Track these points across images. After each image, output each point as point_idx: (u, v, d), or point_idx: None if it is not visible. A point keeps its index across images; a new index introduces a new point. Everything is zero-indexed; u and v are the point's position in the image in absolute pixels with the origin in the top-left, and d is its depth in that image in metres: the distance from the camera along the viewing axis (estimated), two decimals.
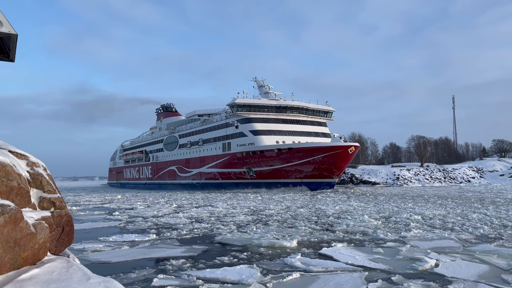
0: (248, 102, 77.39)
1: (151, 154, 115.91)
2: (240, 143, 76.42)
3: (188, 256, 14.48)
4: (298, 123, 79.42)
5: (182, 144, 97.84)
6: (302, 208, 33.27)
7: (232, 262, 13.38)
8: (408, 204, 36.11)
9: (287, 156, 68.47)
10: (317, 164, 66.25)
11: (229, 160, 79.03)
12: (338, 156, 64.81)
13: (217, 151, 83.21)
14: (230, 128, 79.89)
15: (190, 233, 19.97)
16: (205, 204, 40.10)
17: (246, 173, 76.29)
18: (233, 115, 78.38)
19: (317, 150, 65.54)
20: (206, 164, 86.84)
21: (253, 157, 73.55)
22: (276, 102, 78.59)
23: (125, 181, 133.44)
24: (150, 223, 24.27)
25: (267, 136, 74.26)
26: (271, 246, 15.84)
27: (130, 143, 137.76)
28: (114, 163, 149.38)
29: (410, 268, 12.21)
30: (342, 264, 12.73)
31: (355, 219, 23.91)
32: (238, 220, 24.98)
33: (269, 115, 77.48)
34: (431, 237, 17.66)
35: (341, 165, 66.85)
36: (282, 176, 70.97)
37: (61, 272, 4.84)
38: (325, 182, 68.25)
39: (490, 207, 31.46)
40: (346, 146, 65.61)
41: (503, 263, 12.61)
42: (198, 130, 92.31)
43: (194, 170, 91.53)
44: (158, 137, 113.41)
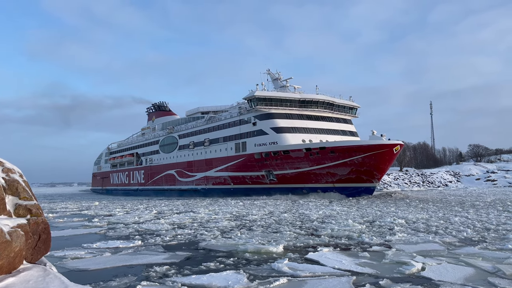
0: (269, 95, 67.43)
1: (144, 157, 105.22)
2: (259, 143, 66.79)
3: (172, 262, 14.12)
4: (324, 119, 70.16)
5: (183, 145, 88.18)
6: (286, 213, 33.14)
7: (218, 268, 13.11)
8: (391, 208, 36.40)
9: (318, 157, 59.36)
10: (355, 166, 57.27)
11: (244, 162, 69.55)
12: (381, 157, 55.88)
13: (228, 152, 73.72)
14: (245, 125, 70.31)
15: (174, 239, 19.58)
16: (186, 210, 39.54)
17: (265, 177, 66.78)
18: (250, 111, 68.69)
19: (357, 150, 56.40)
20: (213, 167, 77.34)
21: (275, 158, 64.05)
22: (299, 95, 69.10)
23: (112, 187, 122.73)
24: (131, 230, 23.73)
25: (291, 134, 64.86)
26: (257, 252, 15.61)
27: (117, 146, 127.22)
28: (99, 168, 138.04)
29: (397, 272, 12.17)
30: (329, 269, 12.60)
31: (339, 224, 23.88)
32: (222, 226, 24.66)
33: (292, 111, 68.03)
34: (415, 240, 17.72)
35: (384, 167, 58.07)
36: (309, 180, 61.83)
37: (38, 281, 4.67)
38: (363, 187, 59.01)
39: (470, 211, 31.97)
40: (391, 145, 56.13)
41: (489, 266, 12.68)
42: (204, 129, 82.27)
43: (198, 174, 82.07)
44: (152, 138, 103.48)
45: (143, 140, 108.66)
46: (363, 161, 56.27)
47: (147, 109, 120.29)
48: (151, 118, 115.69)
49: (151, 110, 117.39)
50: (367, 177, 57.86)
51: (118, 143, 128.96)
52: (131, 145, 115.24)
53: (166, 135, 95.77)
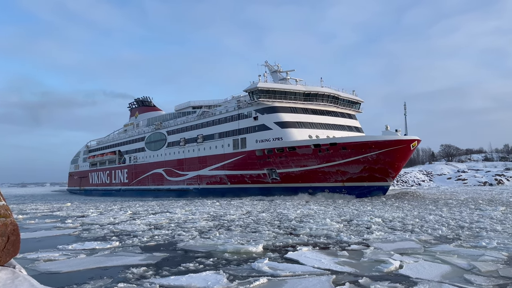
0: (272, 87, 62.38)
1: (127, 155, 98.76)
2: (261, 139, 61.79)
3: (150, 263, 13.84)
4: (329, 114, 65.64)
5: (172, 142, 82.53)
6: (264, 212, 33.12)
7: (197, 268, 12.92)
8: (367, 207, 36.86)
9: (328, 154, 54.86)
10: (368, 164, 53.14)
11: (243, 160, 64.52)
12: (398, 153, 51.90)
13: (224, 149, 68.56)
14: (245, 120, 65.31)
15: (151, 240, 19.23)
16: (162, 210, 38.97)
17: (266, 175, 62.06)
18: (252, 104, 63.60)
19: (372, 146, 52.16)
20: (208, 165, 72.17)
21: (280, 155, 59.30)
22: (304, 88, 64.28)
23: (91, 187, 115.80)
24: (107, 231, 23.20)
25: (297, 129, 60.24)
26: (237, 252, 15.48)
27: (97, 143, 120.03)
28: (76, 167, 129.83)
29: (376, 270, 12.27)
30: (309, 268, 12.60)
31: (317, 223, 23.99)
32: (200, 226, 24.40)
33: (296, 104, 63.09)
34: (393, 239, 17.95)
35: (399, 165, 54.08)
36: (317, 179, 57.36)
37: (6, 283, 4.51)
38: (376, 186, 54.66)
39: (444, 209, 32.71)
40: (408, 141, 52.44)
41: (464, 263, 12.93)
42: (196, 124, 76.72)
43: (190, 173, 76.62)
44: (136, 134, 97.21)
45: (126, 137, 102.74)
46: (378, 158, 52.26)
47: (129, 104, 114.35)
48: (133, 114, 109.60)
49: (134, 106, 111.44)
50: (381, 175, 53.73)
51: (97, 141, 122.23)
52: (112, 142, 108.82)
53: (153, 131, 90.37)
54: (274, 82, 67.66)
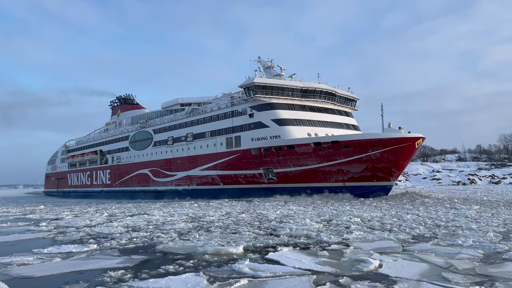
0: (269, 83, 59.89)
1: (110, 155, 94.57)
2: (257, 137, 59.15)
3: (128, 266, 13.54)
4: (326, 111, 63.30)
5: (159, 141, 79.15)
6: (243, 213, 32.97)
7: (177, 270, 12.71)
8: (346, 207, 37.16)
9: (329, 153, 52.72)
10: (371, 163, 51.20)
11: (238, 159, 61.95)
12: (402, 152, 50.10)
13: (217, 148, 65.75)
14: (239, 117, 62.57)
15: (129, 243, 18.84)
16: (139, 212, 38.30)
17: (262, 175, 59.36)
18: (247, 100, 61.02)
19: (375, 144, 50.18)
20: (198, 165, 69.04)
21: (277, 154, 56.85)
22: (302, 84, 61.90)
23: (70, 189, 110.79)
24: (83, 233, 22.64)
25: (296, 127, 57.77)
26: (217, 253, 15.32)
27: (76, 143, 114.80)
28: (54, 168, 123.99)
29: (356, 270, 12.31)
30: (290, 268, 12.56)
31: (297, 223, 24.02)
32: (179, 228, 24.08)
33: (294, 101, 60.82)
34: (372, 238, 18.11)
35: (403, 164, 52.24)
36: (316, 179, 55.02)
37: None
38: (378, 186, 52.63)
39: (421, 208, 33.29)
40: (413, 138, 50.40)
41: (441, 261, 13.12)
42: (186, 122, 73.44)
43: (178, 173, 73.35)
44: (120, 133, 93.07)
45: (108, 136, 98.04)
46: (381, 156, 50.31)
47: (111, 102, 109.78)
48: (115, 112, 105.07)
49: (116, 104, 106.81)
50: (384, 174, 51.74)
51: (77, 140, 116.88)
52: (93, 141, 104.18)
53: (138, 130, 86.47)
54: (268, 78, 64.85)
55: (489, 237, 17.56)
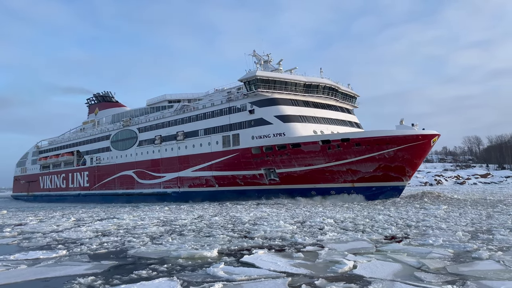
0: (272, 76, 56.30)
1: (88, 155, 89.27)
2: (259, 135, 55.46)
3: (98, 272, 13.06)
4: (329, 108, 60.08)
5: (145, 140, 74.55)
6: (216, 216, 32.67)
7: (150, 276, 12.34)
8: (319, 208, 37.45)
9: (338, 151, 49.58)
10: (384, 162, 48.25)
11: (236, 159, 58.07)
12: (417, 150, 47.47)
13: (212, 147, 61.66)
14: (238, 114, 58.85)
15: (100, 248, 18.23)
16: (108, 216, 37.21)
17: (263, 176, 55.84)
18: (247, 95, 57.37)
19: (390, 142, 47.28)
20: (190, 165, 64.87)
21: (281, 153, 53.32)
22: (305, 79, 58.48)
23: (43, 193, 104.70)
24: (50, 239, 21.78)
25: (301, 124, 54.27)
26: (191, 257, 15.03)
27: (49, 144, 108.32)
28: (24, 170, 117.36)
29: (331, 271, 12.31)
30: (265, 271, 12.45)
31: (271, 225, 23.96)
32: (150, 232, 23.56)
33: (296, 96, 57.30)
34: (345, 239, 18.24)
35: (417, 162, 49.80)
36: (323, 179, 51.72)
37: None
38: (390, 187, 49.74)
39: (391, 209, 33.96)
40: (430, 135, 47.72)
41: (413, 261, 13.30)
42: (176, 120, 69.05)
43: (167, 174, 69.04)
44: (99, 133, 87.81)
45: (86, 135, 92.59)
46: (395, 155, 47.48)
47: (87, 100, 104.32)
48: (93, 110, 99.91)
49: (93, 102, 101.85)
50: (397, 174, 48.99)
51: (50, 140, 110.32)
52: (69, 142, 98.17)
53: (120, 128, 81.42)
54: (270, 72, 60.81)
55: (458, 236, 18.01)
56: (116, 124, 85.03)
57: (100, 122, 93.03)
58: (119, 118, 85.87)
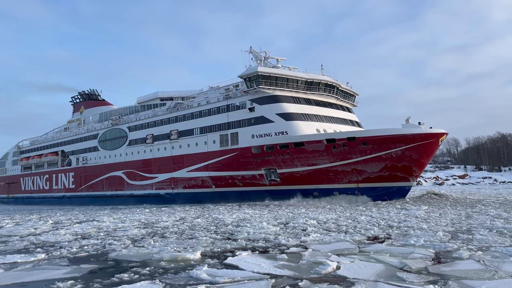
0: (274, 73, 54.19)
1: (74, 155, 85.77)
2: (259, 133, 53.49)
3: (78, 276, 12.76)
4: (331, 106, 58.32)
5: (135, 140, 71.87)
6: (199, 218, 32.44)
7: (132, 279, 12.13)
8: (301, 209, 37.56)
9: (343, 150, 48.01)
10: (390, 161, 46.82)
11: (234, 159, 56.06)
12: (425, 149, 46.38)
13: (208, 146, 59.49)
14: (236, 112, 56.75)
15: (80, 251, 17.84)
16: (88, 219, 36.54)
17: (264, 176, 53.91)
18: (247, 92, 55.27)
19: (397, 141, 45.85)
20: (185, 166, 62.49)
21: (283, 152, 51.50)
22: (307, 76, 56.62)
23: (24, 195, 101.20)
24: (27, 242, 21.24)
25: (304, 122, 52.49)
26: (174, 260, 14.83)
27: (31, 143, 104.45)
28: (3, 171, 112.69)
29: (315, 272, 12.30)
30: (248, 273, 12.36)
31: (254, 227, 23.90)
32: (132, 234, 23.22)
33: (298, 93, 55.56)
34: (329, 240, 18.29)
35: (425, 162, 48.74)
36: (326, 180, 50.02)
37: None
38: (396, 187, 48.42)
39: (373, 209, 34.28)
40: (438, 134, 46.64)
41: (396, 261, 13.41)
42: (169, 118, 66.65)
43: (160, 175, 66.51)
44: (86, 132, 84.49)
45: (71, 135, 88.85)
46: (403, 154, 46.11)
47: (72, 98, 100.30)
48: (78, 109, 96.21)
49: (78, 100, 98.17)
50: (404, 174, 47.63)
51: (32, 140, 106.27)
52: (53, 141, 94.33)
53: (109, 127, 78.35)
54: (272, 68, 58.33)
55: (439, 236, 18.26)
56: (104, 123, 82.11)
57: (86, 121, 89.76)
58: (107, 117, 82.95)
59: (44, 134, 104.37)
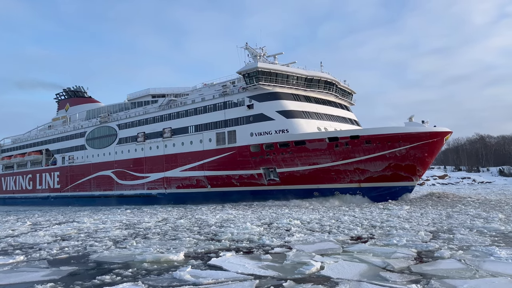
0: (274, 69, 52.82)
1: (59, 154, 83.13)
2: (258, 131, 52.08)
3: (58, 279, 12.47)
4: (330, 104, 57.17)
5: (125, 138, 69.64)
6: (182, 219, 32.18)
7: (114, 281, 11.91)
8: (284, 210, 37.62)
9: (346, 149, 46.68)
10: (394, 160, 45.74)
11: (232, 158, 54.37)
12: (430, 148, 45.42)
13: (204, 144, 57.76)
14: (234, 109, 55.24)
15: (60, 253, 17.46)
16: (67, 220, 35.86)
17: (263, 176, 52.35)
18: (246, 89, 53.69)
19: (402, 139, 44.85)
20: (179, 165, 60.74)
21: (283, 151, 50.00)
22: (306, 72, 55.25)
23: (5, 195, 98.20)
24: (5, 244, 20.72)
25: (305, 120, 51.26)
26: (156, 261, 14.64)
27: (13, 142, 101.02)
28: None
29: (299, 273, 12.29)
30: (232, 274, 12.29)
31: (238, 227, 23.81)
32: (113, 235, 22.87)
33: (298, 91, 54.18)
34: (312, 240, 18.34)
35: (429, 161, 47.57)
36: (327, 179, 48.76)
37: None
38: (399, 187, 47.23)
39: (356, 209, 34.54)
40: (443, 133, 45.85)
41: (379, 261, 13.51)
42: (162, 115, 64.65)
43: (152, 174, 64.55)
44: (72, 130, 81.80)
45: (57, 133, 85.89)
46: (407, 153, 45.13)
47: (57, 95, 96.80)
48: (63, 106, 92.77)
49: (63, 97, 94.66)
50: (407, 173, 46.62)
51: (13, 139, 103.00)
52: (36, 139, 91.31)
53: (97, 125, 75.94)
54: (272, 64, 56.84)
55: (420, 236, 18.48)
56: (92, 121, 79.52)
57: (73, 118, 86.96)
58: (95, 114, 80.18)
59: (27, 132, 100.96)
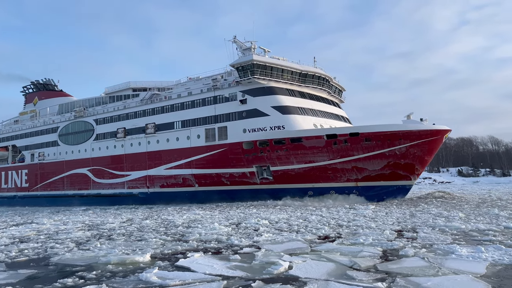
0: (270, 62, 50.70)
1: (27, 151, 78.82)
2: (252, 127, 49.88)
3: (15, 282, 11.89)
4: (323, 101, 55.67)
5: (104, 134, 66.30)
6: (147, 219, 31.59)
7: (77, 284, 11.48)
8: (252, 210, 37.63)
9: (345, 147, 45.41)
10: (393, 159, 44.73)
11: (222, 155, 51.98)
12: (430, 146, 44.61)
13: (192, 141, 55.02)
14: (225, 104, 52.87)
15: (19, 255, 16.69)
16: (25, 221, 34.43)
17: (255, 174, 50.32)
18: (239, 83, 51.47)
19: (402, 137, 43.95)
20: (163, 162, 57.72)
21: (278, 148, 48.06)
22: (301, 67, 53.41)
23: None
24: None
25: (302, 117, 49.47)
26: (122, 263, 14.22)
27: None
28: None
29: (267, 273, 12.25)
30: (200, 275, 12.11)
31: (206, 227, 23.57)
32: (75, 237, 22.12)
33: (293, 86, 52.46)
34: (281, 240, 18.37)
35: (428, 160, 46.80)
36: (323, 178, 47.21)
37: None
38: (397, 186, 46.27)
39: (323, 209, 34.95)
40: (443, 131, 45.24)
41: (346, 260, 13.67)
42: (145, 110, 61.66)
43: (133, 173, 61.24)
44: (43, 124, 77.57)
45: (24, 128, 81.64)
46: (407, 151, 44.27)
47: (24, 88, 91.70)
48: (31, 100, 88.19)
49: (31, 90, 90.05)
50: (406, 172, 45.69)
51: None
52: (2, 135, 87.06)
53: (72, 120, 71.94)
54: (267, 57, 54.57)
55: (386, 235, 18.86)
56: (65, 115, 75.24)
57: (42, 112, 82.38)
58: (68, 108, 75.90)
59: None
